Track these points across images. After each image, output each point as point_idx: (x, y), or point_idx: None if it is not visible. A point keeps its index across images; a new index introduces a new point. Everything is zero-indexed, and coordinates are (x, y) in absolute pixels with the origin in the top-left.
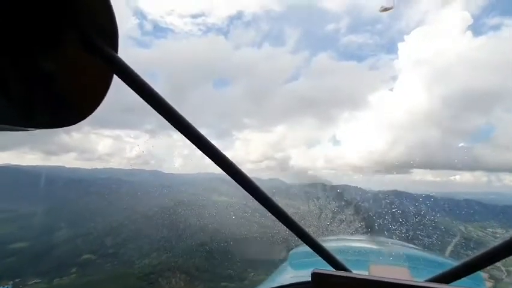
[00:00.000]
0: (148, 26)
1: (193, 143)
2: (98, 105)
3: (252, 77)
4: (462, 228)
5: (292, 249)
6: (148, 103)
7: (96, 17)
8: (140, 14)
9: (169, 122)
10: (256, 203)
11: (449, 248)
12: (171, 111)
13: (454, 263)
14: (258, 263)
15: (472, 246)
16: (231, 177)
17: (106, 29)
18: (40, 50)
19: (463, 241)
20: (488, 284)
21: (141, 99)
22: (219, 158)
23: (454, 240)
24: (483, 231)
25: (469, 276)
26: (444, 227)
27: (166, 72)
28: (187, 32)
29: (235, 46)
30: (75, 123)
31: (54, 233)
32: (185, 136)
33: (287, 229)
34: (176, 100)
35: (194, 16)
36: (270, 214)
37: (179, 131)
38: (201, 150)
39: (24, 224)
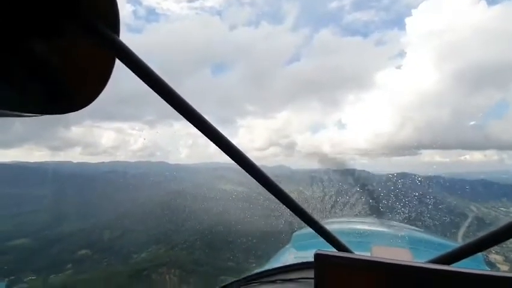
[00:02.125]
0: (142, 11)
1: (198, 129)
2: (101, 90)
3: (251, 60)
4: (474, 208)
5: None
6: (151, 88)
7: (97, 0)
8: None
9: (173, 107)
10: (260, 189)
11: (462, 230)
12: (175, 97)
13: (456, 245)
14: (260, 251)
15: (485, 227)
16: (236, 162)
17: (107, 12)
18: (41, 35)
19: (476, 222)
20: (504, 267)
21: (139, 89)
22: (224, 144)
23: (466, 221)
24: (496, 211)
25: (469, 257)
26: (454, 208)
27: (160, 57)
28: (183, 16)
29: (231, 27)
30: (78, 109)
31: (55, 228)
32: (189, 122)
33: (290, 212)
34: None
35: (190, 0)
36: (274, 198)
37: (183, 116)
38: (205, 135)
39: (27, 220)
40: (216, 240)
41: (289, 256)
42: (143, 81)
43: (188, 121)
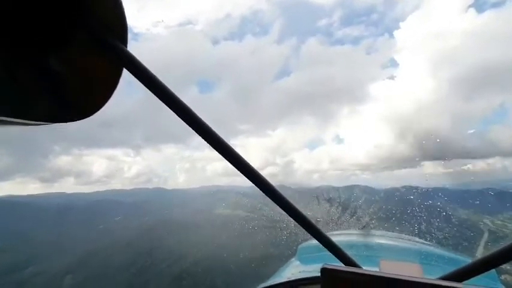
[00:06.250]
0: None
1: (209, 143)
2: (107, 100)
3: (239, 77)
4: (487, 221)
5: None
6: (159, 98)
7: (105, 11)
8: None
9: (183, 120)
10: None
11: (481, 247)
12: (184, 109)
13: (468, 260)
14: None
15: (503, 241)
16: (250, 180)
17: (115, 23)
18: (49, 44)
19: (492, 236)
20: None
21: (124, 113)
22: (237, 160)
23: (483, 236)
24: None
25: (483, 274)
26: (466, 220)
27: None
28: (168, 35)
29: (214, 42)
30: (84, 117)
31: (18, 272)
32: (200, 135)
33: (296, 224)
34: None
35: (181, 24)
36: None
37: (193, 129)
38: (216, 150)
39: None
40: (196, 282)
41: (295, 270)
42: (152, 92)
43: (199, 135)
